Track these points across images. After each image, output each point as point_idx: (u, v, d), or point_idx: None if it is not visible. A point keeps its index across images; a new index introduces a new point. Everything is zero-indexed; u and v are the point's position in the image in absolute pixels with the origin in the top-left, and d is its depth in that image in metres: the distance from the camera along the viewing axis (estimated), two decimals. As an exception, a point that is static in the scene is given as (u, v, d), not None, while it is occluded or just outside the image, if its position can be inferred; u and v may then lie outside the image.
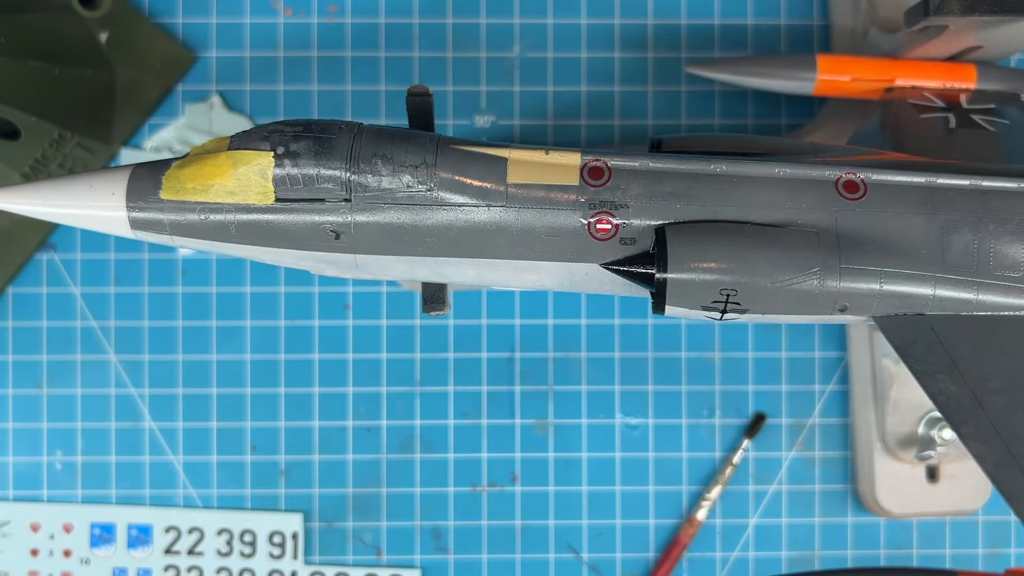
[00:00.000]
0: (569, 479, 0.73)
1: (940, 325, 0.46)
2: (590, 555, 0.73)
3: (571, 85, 0.72)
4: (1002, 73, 0.62)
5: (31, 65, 0.65)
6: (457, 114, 0.72)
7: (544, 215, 0.46)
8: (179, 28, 0.71)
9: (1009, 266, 0.47)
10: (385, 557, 0.73)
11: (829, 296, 0.45)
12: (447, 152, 0.45)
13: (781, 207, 0.47)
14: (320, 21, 0.72)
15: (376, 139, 0.45)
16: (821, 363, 0.73)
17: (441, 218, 0.45)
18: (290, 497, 0.72)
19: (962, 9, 0.53)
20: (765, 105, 0.73)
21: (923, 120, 0.59)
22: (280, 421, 0.72)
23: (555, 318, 0.72)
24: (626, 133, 0.73)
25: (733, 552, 0.73)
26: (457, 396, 0.72)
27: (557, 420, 0.73)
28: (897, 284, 0.46)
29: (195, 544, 0.72)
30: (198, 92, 0.72)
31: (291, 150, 0.43)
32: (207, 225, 0.46)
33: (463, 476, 0.73)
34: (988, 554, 0.73)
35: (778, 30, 0.73)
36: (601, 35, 0.72)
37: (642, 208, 0.46)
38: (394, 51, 0.72)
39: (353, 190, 0.44)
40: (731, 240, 0.45)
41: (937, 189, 0.48)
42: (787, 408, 0.73)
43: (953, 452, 0.67)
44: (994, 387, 0.44)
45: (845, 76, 0.63)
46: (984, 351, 0.45)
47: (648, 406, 0.73)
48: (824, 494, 0.73)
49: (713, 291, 0.45)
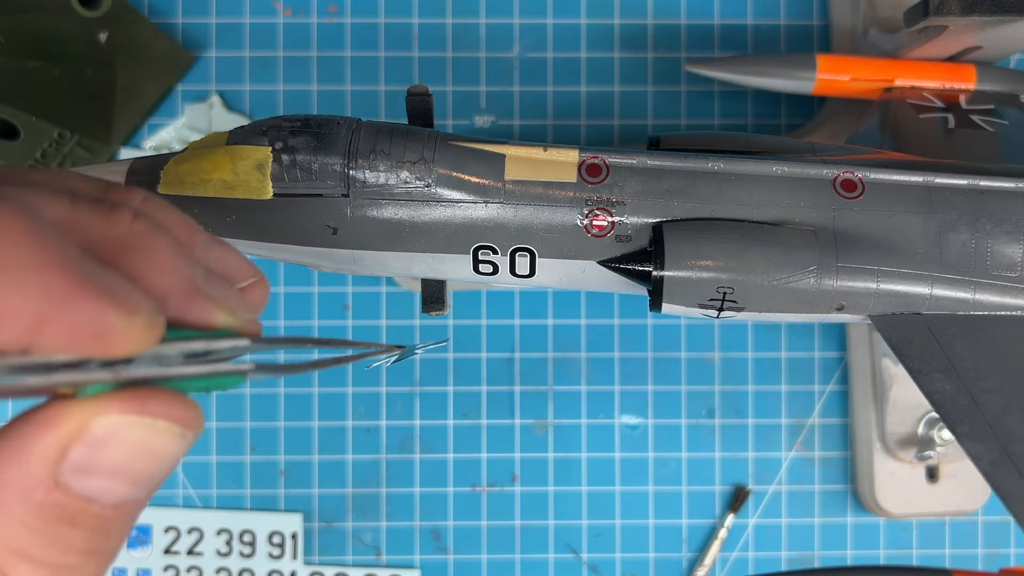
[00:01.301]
0: (569, 479, 0.73)
1: (937, 324, 0.46)
2: (590, 555, 0.73)
3: (571, 85, 0.72)
4: (1002, 74, 0.62)
5: (31, 65, 0.65)
6: (457, 114, 0.72)
7: (541, 212, 0.46)
8: (179, 28, 0.71)
9: (1006, 266, 0.47)
10: (385, 557, 0.73)
11: (826, 295, 0.45)
12: (445, 148, 0.46)
13: (779, 205, 0.47)
14: (320, 21, 0.72)
15: (374, 134, 0.45)
16: (821, 363, 0.73)
17: (439, 214, 0.45)
18: (290, 497, 0.72)
19: (962, 9, 0.53)
20: (765, 105, 0.73)
21: (922, 120, 0.59)
22: (280, 421, 0.72)
23: (555, 318, 0.72)
24: (626, 133, 0.73)
25: (733, 552, 0.73)
26: (457, 396, 0.73)
27: (557, 420, 0.73)
28: (894, 283, 0.46)
29: (194, 544, 0.72)
30: (198, 92, 0.72)
31: (289, 145, 0.43)
32: (204, 220, 0.46)
33: (463, 476, 0.73)
34: (988, 554, 0.73)
35: (778, 30, 0.73)
36: (601, 35, 0.72)
37: (639, 205, 0.46)
38: (394, 51, 0.72)
39: (351, 185, 0.44)
40: (728, 238, 0.45)
41: (935, 188, 0.48)
42: (787, 408, 0.73)
43: (953, 452, 0.67)
44: (990, 386, 0.44)
45: (845, 76, 0.63)
46: (980, 350, 0.45)
47: (648, 406, 0.73)
48: (824, 494, 0.73)
49: (710, 289, 0.45)
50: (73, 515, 0.26)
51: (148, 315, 0.26)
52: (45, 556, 0.26)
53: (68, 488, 0.26)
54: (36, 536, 0.26)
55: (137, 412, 0.26)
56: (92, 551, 0.27)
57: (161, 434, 0.27)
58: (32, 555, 0.26)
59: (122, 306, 0.25)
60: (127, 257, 0.27)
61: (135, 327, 0.25)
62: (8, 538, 0.25)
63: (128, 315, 0.25)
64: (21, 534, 0.25)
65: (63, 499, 0.26)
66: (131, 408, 0.26)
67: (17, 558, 0.25)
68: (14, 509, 0.25)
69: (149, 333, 0.26)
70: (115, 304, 0.25)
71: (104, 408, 0.26)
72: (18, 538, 0.25)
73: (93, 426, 0.26)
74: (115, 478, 0.26)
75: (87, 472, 0.26)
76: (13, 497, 0.25)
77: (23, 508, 0.25)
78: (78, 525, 0.26)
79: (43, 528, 0.26)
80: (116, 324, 0.25)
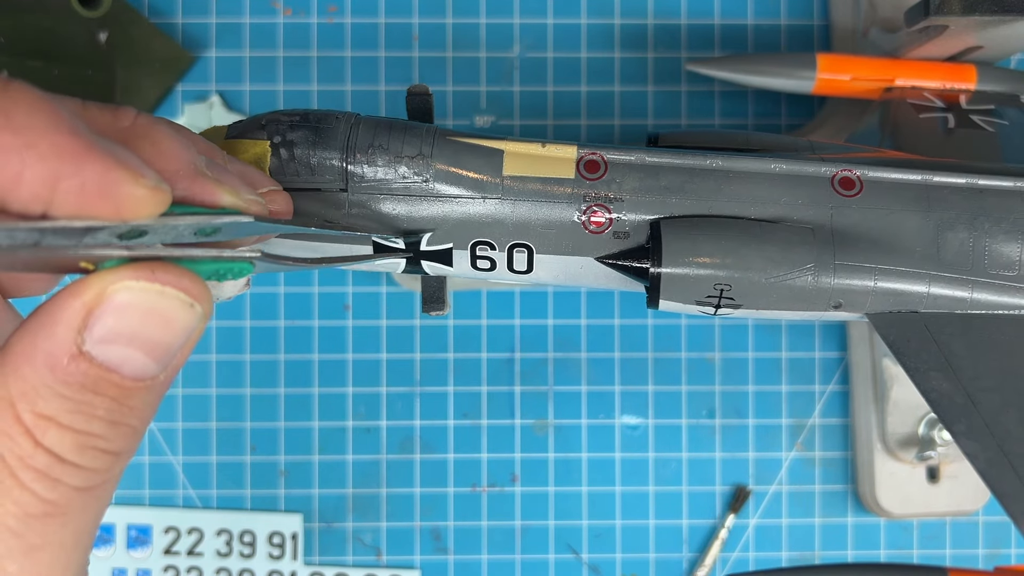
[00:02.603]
0: (569, 479, 0.73)
1: (934, 323, 0.46)
2: (590, 555, 0.73)
3: (571, 85, 0.72)
4: (1002, 74, 0.62)
5: (31, 65, 0.65)
6: (457, 114, 0.72)
7: (539, 208, 0.46)
8: (179, 28, 0.71)
9: (1004, 265, 0.47)
10: (385, 558, 0.73)
11: (823, 292, 0.45)
12: (443, 143, 0.45)
13: (777, 203, 0.46)
14: (320, 21, 0.72)
15: (373, 129, 0.45)
16: (821, 363, 0.73)
17: (436, 210, 0.45)
18: (290, 498, 0.72)
19: (962, 9, 0.53)
20: (765, 105, 0.73)
21: (922, 120, 0.59)
22: (280, 421, 0.72)
23: (555, 318, 0.72)
24: (626, 133, 0.73)
25: (733, 552, 0.73)
26: (457, 396, 0.72)
27: (557, 420, 0.73)
28: (891, 281, 0.46)
29: (194, 545, 0.72)
30: (198, 92, 0.72)
31: (288, 139, 0.43)
32: None
33: (463, 476, 0.73)
34: (988, 554, 0.73)
35: (778, 30, 0.73)
36: (601, 35, 0.72)
37: (637, 202, 0.46)
38: (394, 51, 0.72)
39: (349, 180, 0.44)
40: (725, 235, 0.45)
41: (933, 187, 0.48)
42: (787, 408, 0.73)
43: (953, 453, 0.67)
44: (987, 385, 0.43)
45: (845, 75, 0.63)
46: (978, 349, 0.45)
47: (648, 406, 0.73)
48: (824, 494, 0.73)
49: (707, 286, 0.45)
50: (96, 382, 0.29)
51: (153, 179, 0.28)
52: (71, 421, 0.28)
53: (91, 356, 0.28)
54: (63, 401, 0.28)
55: (147, 279, 0.29)
56: (115, 422, 0.30)
57: (170, 300, 0.30)
58: (60, 420, 0.28)
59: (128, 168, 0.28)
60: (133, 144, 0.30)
61: (141, 188, 0.28)
62: (38, 403, 0.28)
63: (134, 176, 0.28)
64: (49, 398, 0.28)
65: (87, 367, 0.28)
66: (141, 275, 0.29)
67: (47, 423, 0.28)
68: (44, 376, 0.28)
69: (155, 197, 0.28)
70: (121, 165, 0.27)
71: (119, 276, 0.29)
72: (47, 403, 0.28)
73: (109, 292, 0.29)
74: (131, 345, 0.29)
75: (107, 341, 0.29)
76: (42, 364, 0.28)
77: (51, 374, 0.28)
78: (101, 393, 0.29)
79: (70, 394, 0.28)
80: (123, 183, 0.27)
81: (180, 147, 0.32)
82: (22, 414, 0.28)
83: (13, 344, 0.28)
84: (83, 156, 0.27)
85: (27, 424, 0.28)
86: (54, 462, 0.28)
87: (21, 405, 0.28)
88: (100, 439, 0.29)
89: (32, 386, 0.28)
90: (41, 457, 0.28)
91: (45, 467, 0.28)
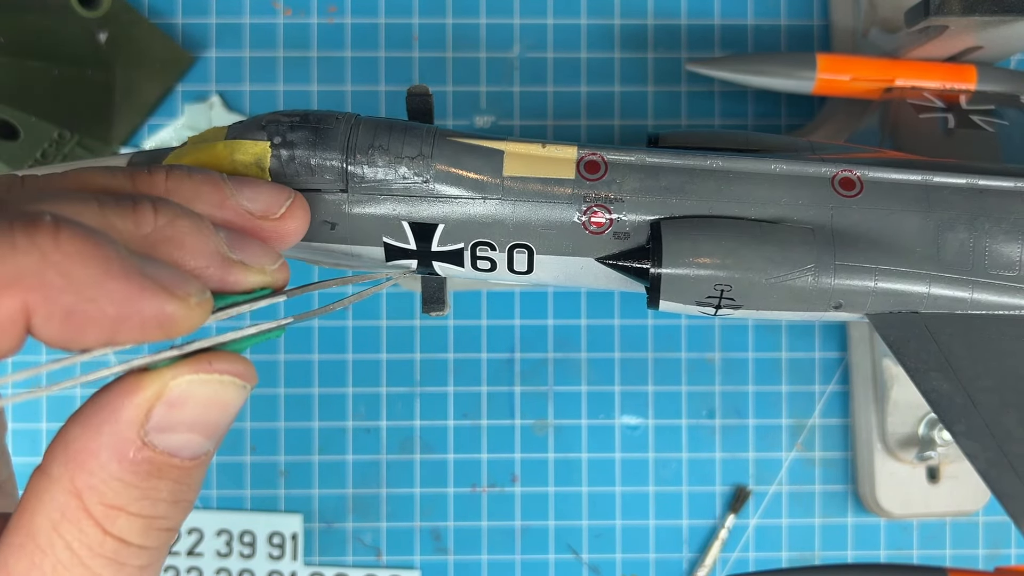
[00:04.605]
0: (569, 480, 0.73)
1: (934, 323, 0.46)
2: (590, 556, 0.73)
3: (571, 85, 0.72)
4: (1003, 74, 0.62)
5: (31, 65, 0.65)
6: (457, 114, 0.72)
7: (539, 208, 0.46)
8: (179, 28, 0.71)
9: (1004, 265, 0.47)
10: (385, 558, 0.73)
11: (823, 293, 0.45)
12: (443, 144, 0.45)
13: (777, 203, 0.46)
14: (320, 21, 0.72)
15: (373, 130, 0.45)
16: (821, 363, 0.73)
17: (437, 210, 0.45)
18: (289, 498, 0.72)
19: (962, 9, 0.53)
20: (765, 105, 0.73)
21: (922, 120, 0.59)
22: (280, 422, 0.72)
23: (555, 319, 0.72)
24: (626, 133, 0.72)
25: (733, 553, 0.73)
26: (457, 397, 0.72)
27: (557, 421, 0.73)
28: (892, 282, 0.45)
29: (194, 545, 0.72)
30: (198, 92, 0.72)
31: (288, 140, 0.43)
32: None
33: (463, 477, 0.73)
34: (988, 555, 0.73)
35: (778, 30, 0.73)
36: (601, 35, 0.72)
37: (637, 203, 0.46)
38: (394, 51, 0.72)
39: (349, 181, 0.44)
40: (726, 235, 0.45)
41: (933, 187, 0.48)
42: (787, 408, 0.73)
43: (953, 453, 0.67)
44: (987, 385, 0.43)
45: (845, 75, 0.63)
46: (978, 350, 0.45)
47: (648, 407, 0.73)
48: (824, 495, 0.73)
49: (707, 286, 0.45)
50: (160, 469, 0.31)
51: (198, 296, 0.30)
52: (140, 508, 0.30)
53: (154, 445, 0.30)
54: (131, 490, 0.30)
55: (207, 371, 0.32)
56: (176, 501, 0.32)
57: (228, 387, 0.32)
58: (128, 508, 0.30)
59: (177, 295, 0.29)
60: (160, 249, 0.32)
61: (191, 309, 0.30)
62: (106, 495, 0.30)
63: (183, 301, 0.30)
64: (117, 489, 0.30)
65: (151, 455, 0.30)
66: (202, 369, 0.32)
67: (116, 512, 0.30)
68: (110, 468, 0.30)
69: (203, 311, 0.31)
70: (171, 296, 0.29)
71: (179, 372, 0.31)
72: (115, 494, 0.30)
73: (171, 388, 0.31)
74: (192, 431, 0.31)
75: (168, 429, 0.31)
76: (109, 458, 0.30)
77: (118, 467, 0.30)
78: (164, 477, 0.31)
79: (136, 482, 0.30)
80: (176, 312, 0.29)
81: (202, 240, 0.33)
82: (90, 506, 0.30)
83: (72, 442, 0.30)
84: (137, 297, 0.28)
85: (96, 516, 0.30)
86: (121, 547, 0.30)
87: (89, 498, 0.30)
88: (163, 519, 0.31)
89: (100, 479, 0.30)
90: (110, 544, 0.30)
91: (113, 553, 0.30)
